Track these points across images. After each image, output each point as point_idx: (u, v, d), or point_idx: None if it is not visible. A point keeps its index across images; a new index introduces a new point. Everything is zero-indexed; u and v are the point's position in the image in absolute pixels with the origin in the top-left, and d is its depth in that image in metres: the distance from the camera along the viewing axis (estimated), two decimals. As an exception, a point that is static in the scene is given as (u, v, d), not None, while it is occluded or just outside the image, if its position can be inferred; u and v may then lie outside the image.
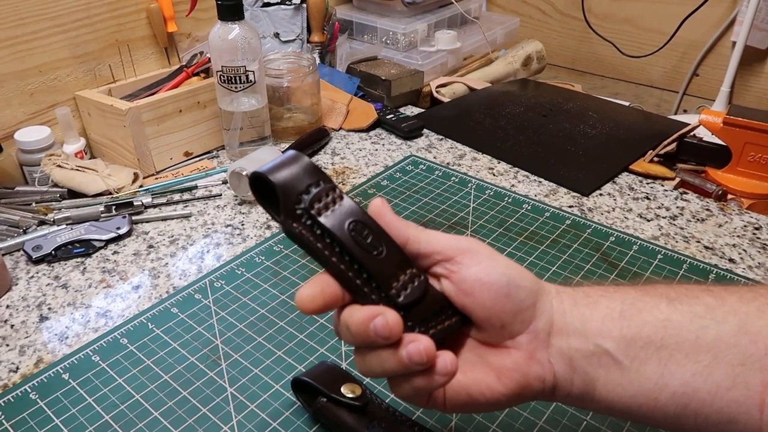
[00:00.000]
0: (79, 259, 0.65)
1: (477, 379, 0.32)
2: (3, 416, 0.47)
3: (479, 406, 0.32)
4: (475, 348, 0.34)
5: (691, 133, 0.86)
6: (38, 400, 0.48)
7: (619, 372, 0.31)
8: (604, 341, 0.31)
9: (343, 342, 0.53)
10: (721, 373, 0.29)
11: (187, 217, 0.72)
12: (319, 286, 0.31)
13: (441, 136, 0.92)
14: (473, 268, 0.32)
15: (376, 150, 0.88)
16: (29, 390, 0.49)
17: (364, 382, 0.46)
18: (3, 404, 0.48)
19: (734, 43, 1.14)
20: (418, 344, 0.30)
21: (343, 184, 0.79)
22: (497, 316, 0.32)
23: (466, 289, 0.32)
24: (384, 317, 0.30)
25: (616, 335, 0.31)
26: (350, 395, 0.44)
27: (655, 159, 0.85)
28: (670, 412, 0.30)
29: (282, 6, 1.02)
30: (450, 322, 0.33)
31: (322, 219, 0.30)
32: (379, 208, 0.33)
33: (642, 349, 0.31)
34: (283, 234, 0.68)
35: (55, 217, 0.69)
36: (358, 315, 0.30)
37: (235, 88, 0.78)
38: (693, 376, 0.30)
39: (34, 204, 0.73)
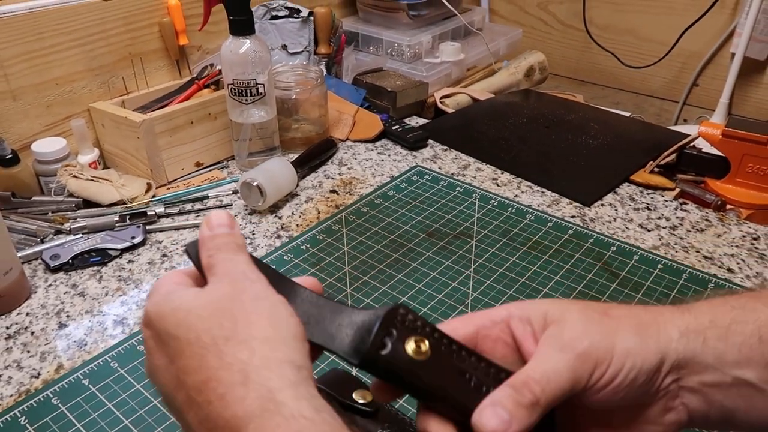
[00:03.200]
0: (95, 268, 0.67)
1: None
2: (27, 420, 0.49)
3: None
4: (609, 415, 0.32)
5: (691, 145, 0.88)
6: (60, 405, 0.50)
7: (763, 399, 0.30)
8: (743, 372, 0.30)
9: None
10: None
11: (198, 226, 0.74)
12: None
13: (446, 147, 0.94)
14: (601, 382, 0.30)
15: (382, 160, 0.90)
16: (51, 395, 0.51)
17: (375, 389, 0.48)
18: (26, 409, 0.49)
19: (733, 55, 1.16)
20: None
21: (350, 194, 0.81)
22: (630, 401, 0.31)
23: (593, 397, 0.30)
24: None
25: (759, 363, 0.30)
26: (362, 401, 0.46)
27: (656, 170, 0.86)
28: None
29: (290, 19, 1.04)
30: None
31: None
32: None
33: None
34: (293, 244, 0.70)
35: (71, 227, 0.71)
36: None
37: (246, 100, 0.81)
38: None
39: (50, 213, 0.75)
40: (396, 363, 0.29)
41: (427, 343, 0.29)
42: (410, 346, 0.29)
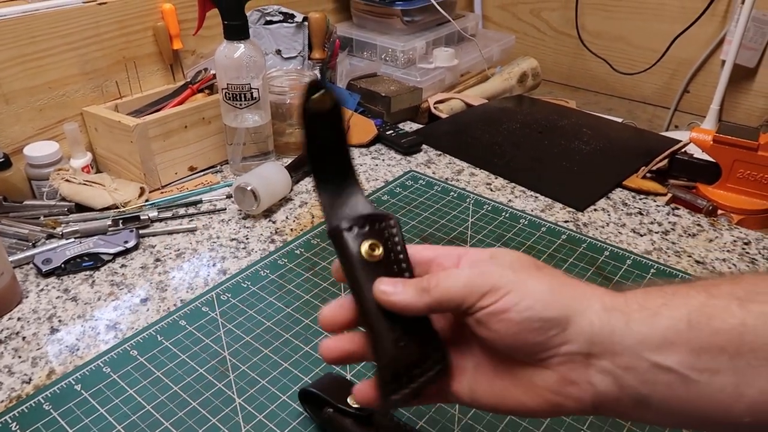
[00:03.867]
0: (87, 272, 0.67)
1: (505, 389, 0.32)
2: (18, 426, 0.48)
3: (509, 411, 0.32)
4: (505, 359, 0.33)
5: (682, 150, 0.89)
6: (51, 410, 0.49)
7: (685, 387, 0.29)
8: (665, 358, 0.29)
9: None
10: None
11: (192, 231, 0.74)
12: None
13: (439, 152, 0.94)
14: (493, 307, 0.30)
15: (377, 165, 0.90)
16: (42, 401, 0.50)
17: (369, 393, 0.48)
18: (17, 415, 0.49)
19: (723, 62, 1.17)
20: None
21: (345, 199, 0.81)
22: (520, 349, 0.31)
23: (485, 325, 0.31)
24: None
25: (683, 349, 0.28)
26: (356, 405, 0.46)
27: (648, 175, 0.87)
28: (745, 422, 0.28)
29: (284, 24, 1.04)
30: (427, 377, 0.33)
31: None
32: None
33: (714, 360, 0.28)
34: (287, 248, 0.70)
35: (64, 231, 0.71)
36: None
37: (240, 105, 0.81)
38: None
39: (42, 218, 0.74)
40: (345, 251, 0.33)
41: (381, 249, 0.33)
42: (364, 248, 0.33)
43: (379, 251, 0.33)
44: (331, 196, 0.35)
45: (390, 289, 0.32)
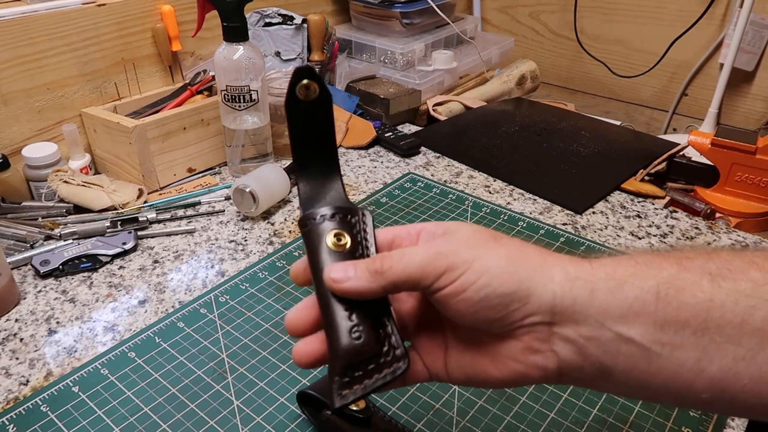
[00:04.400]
0: (85, 274, 0.66)
1: (473, 360, 0.32)
2: (15, 428, 0.48)
3: (480, 384, 0.33)
4: (470, 332, 0.32)
5: (681, 154, 0.89)
6: (49, 412, 0.49)
7: (646, 359, 0.28)
8: (628, 329, 0.28)
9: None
10: (766, 356, 0.27)
11: (191, 232, 0.74)
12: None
13: (438, 154, 0.94)
14: (450, 288, 0.30)
15: (375, 167, 0.90)
16: (40, 403, 0.50)
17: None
18: (15, 417, 0.49)
19: (722, 65, 1.18)
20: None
21: (344, 201, 0.81)
22: (481, 324, 0.31)
23: (444, 305, 0.31)
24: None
25: (648, 321, 0.28)
26: (354, 408, 0.45)
27: (646, 178, 0.87)
28: (704, 398, 0.28)
29: (283, 26, 1.04)
30: (383, 376, 0.31)
31: None
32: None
33: (677, 334, 0.28)
34: (285, 250, 0.70)
35: (62, 232, 0.71)
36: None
37: (239, 106, 0.81)
38: (735, 360, 0.27)
39: (40, 219, 0.74)
40: (311, 239, 0.33)
41: (347, 238, 0.33)
42: (330, 238, 0.33)
43: (345, 240, 0.33)
44: (310, 186, 0.35)
45: (340, 276, 0.31)
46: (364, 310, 0.31)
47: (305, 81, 0.32)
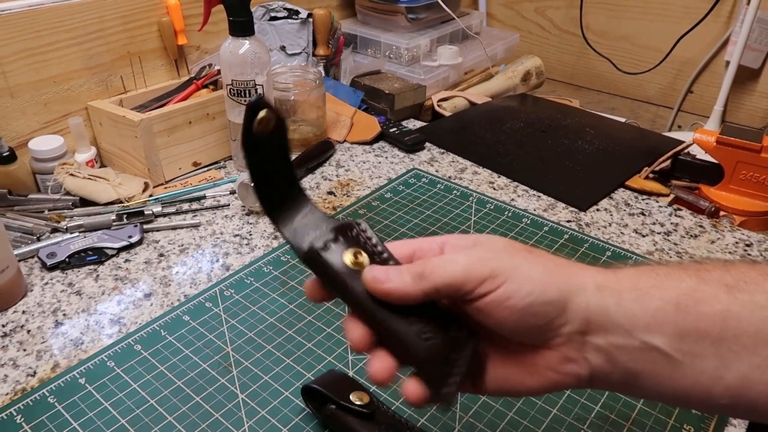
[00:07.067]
0: (91, 267, 0.67)
1: (509, 374, 0.33)
2: (23, 419, 0.48)
3: (513, 394, 0.33)
4: (506, 344, 0.33)
5: (685, 151, 0.89)
6: (56, 403, 0.50)
7: (670, 366, 0.30)
8: (653, 337, 0.30)
9: (350, 351, 0.55)
10: None
11: (196, 226, 0.74)
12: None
13: (443, 150, 0.94)
14: (494, 295, 0.30)
15: (380, 163, 0.91)
16: (47, 394, 0.51)
17: (372, 390, 0.48)
18: (22, 407, 0.49)
19: (728, 63, 1.17)
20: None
21: (348, 196, 0.81)
22: (523, 334, 0.31)
23: (487, 314, 0.31)
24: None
25: (670, 330, 0.30)
26: (358, 402, 0.46)
27: (650, 175, 0.87)
28: (723, 404, 0.30)
29: (288, 20, 1.04)
30: (464, 358, 0.32)
31: None
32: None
33: (697, 343, 0.29)
34: (289, 245, 0.70)
35: (68, 225, 0.71)
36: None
37: (244, 101, 0.81)
38: (751, 368, 0.29)
39: (46, 211, 0.75)
40: (329, 269, 0.32)
41: (364, 255, 0.32)
42: (348, 258, 0.32)
43: (362, 258, 0.32)
44: (288, 220, 0.33)
45: (382, 276, 0.31)
46: (418, 313, 0.31)
47: (263, 114, 0.30)
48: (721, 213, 0.84)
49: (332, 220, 0.34)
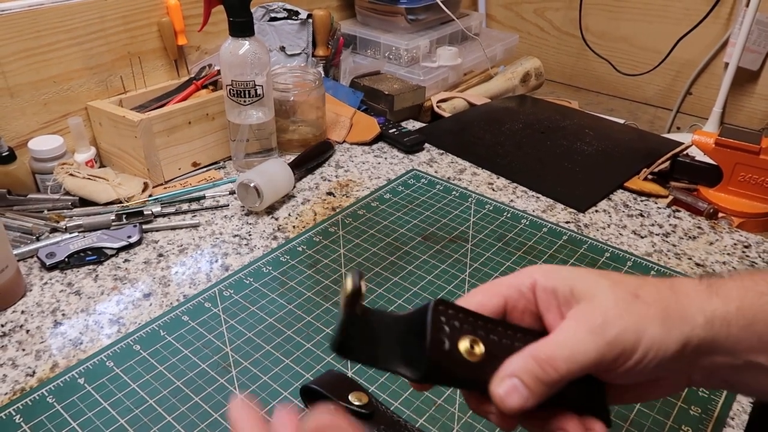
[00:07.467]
0: (91, 267, 0.67)
1: (625, 398, 0.34)
2: (21, 419, 0.48)
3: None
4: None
5: (684, 153, 0.89)
6: (55, 403, 0.50)
7: (765, 376, 0.32)
8: (757, 357, 0.31)
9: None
10: None
11: (195, 226, 0.74)
12: None
13: (442, 151, 0.95)
14: (623, 368, 0.31)
15: (379, 163, 0.91)
16: (46, 394, 0.51)
17: (370, 391, 0.48)
18: (21, 407, 0.49)
19: (727, 64, 1.17)
20: None
21: (347, 197, 0.81)
22: (634, 383, 0.32)
23: (611, 378, 0.32)
24: None
25: None
26: (357, 403, 0.46)
27: (649, 177, 0.87)
28: None
29: (288, 20, 1.05)
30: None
31: None
32: None
33: None
34: (289, 245, 0.70)
35: (67, 225, 0.71)
36: None
37: (244, 101, 0.81)
38: None
39: (46, 211, 0.75)
40: (455, 371, 0.29)
41: (481, 344, 0.30)
42: (464, 346, 0.29)
43: (479, 347, 0.29)
44: (387, 351, 0.30)
45: (518, 402, 0.30)
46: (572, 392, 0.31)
47: (354, 293, 0.29)
48: (720, 214, 0.84)
49: (405, 316, 0.31)
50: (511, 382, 0.29)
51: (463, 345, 0.29)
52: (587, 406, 0.32)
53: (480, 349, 0.30)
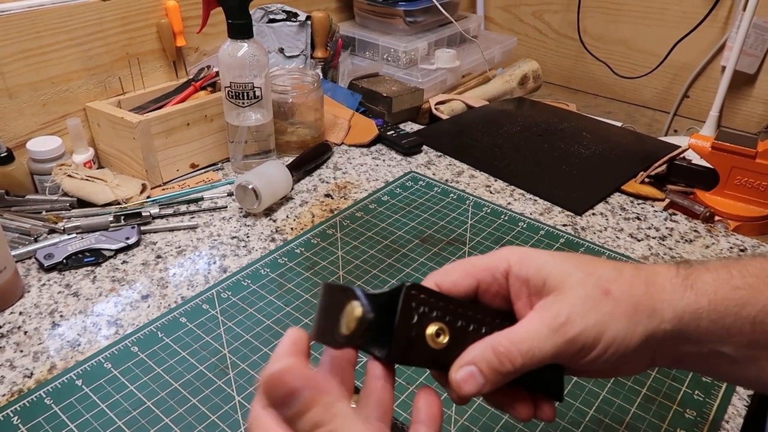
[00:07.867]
0: (89, 268, 0.67)
1: (587, 374, 0.35)
2: (19, 420, 0.49)
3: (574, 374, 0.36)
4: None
5: (681, 156, 0.90)
6: (53, 405, 0.50)
7: (731, 365, 0.33)
8: (723, 347, 0.32)
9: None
10: None
11: (193, 228, 0.75)
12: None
13: (440, 153, 0.95)
14: (584, 361, 0.31)
15: (377, 165, 0.91)
16: (44, 395, 0.51)
17: (367, 393, 0.49)
18: (19, 409, 0.50)
19: (724, 68, 1.18)
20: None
21: (345, 199, 0.82)
22: (612, 371, 0.33)
23: (573, 369, 0.33)
24: None
25: (742, 341, 0.32)
26: (353, 405, 0.46)
27: (646, 180, 0.88)
28: None
29: (287, 22, 1.05)
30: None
31: None
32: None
33: (760, 351, 0.32)
34: (287, 247, 0.71)
35: (66, 226, 0.71)
36: None
37: (242, 103, 0.81)
38: None
39: (44, 212, 0.75)
40: (419, 355, 0.30)
41: (447, 331, 0.31)
42: (430, 333, 0.30)
43: (443, 336, 0.31)
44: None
45: (473, 389, 0.31)
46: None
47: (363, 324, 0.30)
48: (716, 218, 0.84)
49: (372, 294, 0.32)
50: (469, 370, 0.31)
51: (430, 331, 0.30)
52: (542, 385, 0.34)
53: (445, 336, 0.31)
